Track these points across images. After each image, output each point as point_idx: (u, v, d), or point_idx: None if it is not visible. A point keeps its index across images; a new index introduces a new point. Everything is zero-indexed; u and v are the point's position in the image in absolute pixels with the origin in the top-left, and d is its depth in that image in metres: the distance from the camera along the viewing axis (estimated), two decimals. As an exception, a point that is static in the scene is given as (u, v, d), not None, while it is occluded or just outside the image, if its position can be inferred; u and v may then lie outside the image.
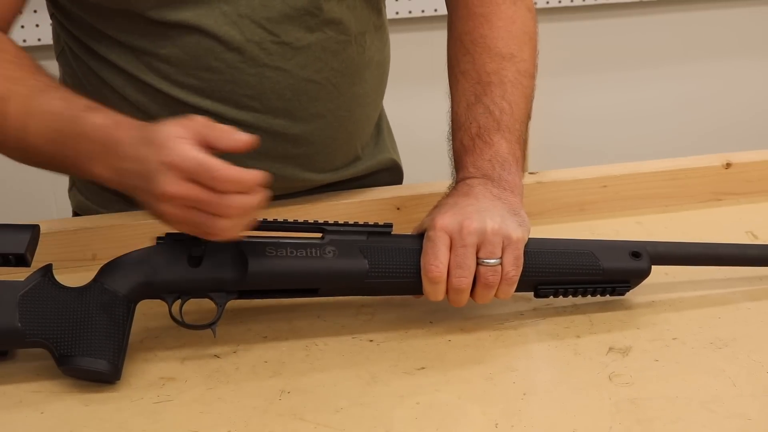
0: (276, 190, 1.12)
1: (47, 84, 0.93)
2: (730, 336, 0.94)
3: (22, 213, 0.97)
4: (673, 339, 0.94)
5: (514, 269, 0.91)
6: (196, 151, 0.81)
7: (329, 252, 0.90)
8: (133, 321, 0.88)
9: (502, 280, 0.91)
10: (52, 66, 1.03)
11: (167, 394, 0.86)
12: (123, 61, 1.04)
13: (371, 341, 0.94)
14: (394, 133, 1.32)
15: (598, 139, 2.45)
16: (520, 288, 0.93)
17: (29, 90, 0.91)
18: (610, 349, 0.92)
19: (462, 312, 0.96)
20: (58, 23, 1.10)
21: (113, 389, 0.87)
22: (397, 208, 1.13)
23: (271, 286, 0.90)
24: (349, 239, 0.92)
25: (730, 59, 2.49)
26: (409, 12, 2.21)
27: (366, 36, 1.11)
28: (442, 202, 0.96)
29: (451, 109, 1.05)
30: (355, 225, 0.93)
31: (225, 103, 1.04)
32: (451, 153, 1.04)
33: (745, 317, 0.97)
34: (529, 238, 0.94)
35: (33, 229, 0.88)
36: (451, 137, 1.04)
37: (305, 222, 0.93)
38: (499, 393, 0.86)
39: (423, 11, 2.21)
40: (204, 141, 0.82)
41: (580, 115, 2.45)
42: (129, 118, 0.88)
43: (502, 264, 0.90)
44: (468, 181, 0.98)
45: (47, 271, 0.88)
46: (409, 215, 1.12)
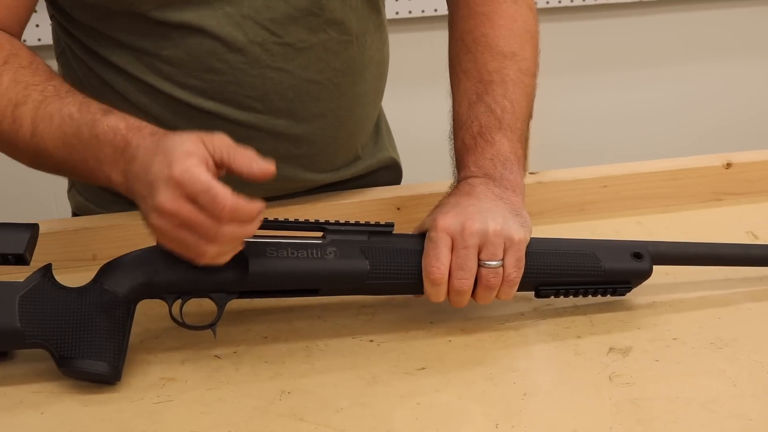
0: (277, 190, 1.13)
1: (61, 89, 0.92)
2: (731, 336, 0.94)
3: (22, 213, 0.97)
4: (674, 339, 0.94)
5: (516, 271, 0.91)
6: (205, 173, 0.79)
7: (330, 252, 0.90)
8: (134, 321, 0.88)
9: (503, 281, 0.91)
10: (52, 66, 1.02)
11: (167, 395, 0.86)
12: (124, 62, 1.04)
13: (372, 341, 0.94)
14: (393, 132, 1.32)
15: (598, 139, 2.45)
16: (521, 288, 0.93)
17: (43, 95, 0.91)
18: (611, 349, 0.92)
19: (462, 312, 0.95)
20: (57, 24, 1.10)
21: (113, 390, 0.86)
22: (398, 208, 1.13)
23: (271, 287, 0.90)
24: (350, 239, 0.91)
25: (730, 59, 2.49)
26: (409, 12, 2.21)
27: (366, 36, 1.11)
28: (444, 201, 0.96)
29: (453, 108, 1.05)
30: (356, 224, 0.93)
31: (227, 104, 1.04)
32: (453, 152, 1.04)
33: (746, 317, 0.97)
34: (530, 238, 0.94)
35: (32, 229, 0.88)
36: (452, 136, 1.04)
37: (306, 221, 0.93)
38: (499, 393, 0.86)
39: (423, 11, 2.21)
40: (220, 161, 0.82)
41: (581, 115, 2.45)
42: (147, 123, 0.87)
43: (503, 266, 0.90)
44: (470, 180, 0.98)
45: (47, 271, 0.88)
46: (410, 215, 1.11)
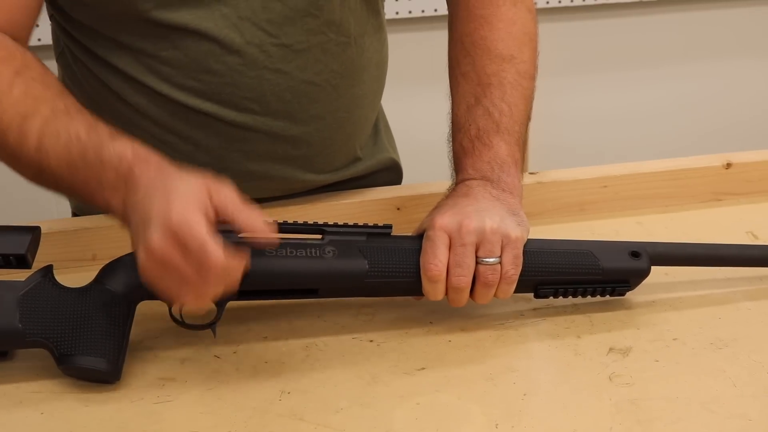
0: (276, 191, 1.13)
1: (71, 107, 0.91)
2: (731, 336, 0.94)
3: (22, 213, 0.97)
4: (674, 339, 0.94)
5: (514, 268, 0.91)
6: (202, 227, 0.78)
7: (329, 252, 0.90)
8: (134, 321, 0.88)
9: (501, 279, 0.91)
10: (51, 66, 1.02)
11: (167, 395, 0.86)
12: (123, 63, 1.04)
13: (371, 341, 0.94)
14: (393, 133, 1.32)
15: (598, 139, 2.45)
16: (520, 289, 0.93)
17: (53, 111, 0.89)
18: (611, 349, 0.92)
19: (462, 312, 0.95)
20: (57, 25, 1.10)
21: (113, 389, 0.87)
22: (397, 209, 1.13)
23: (270, 286, 0.90)
24: (348, 239, 0.92)
25: (730, 59, 2.49)
26: (409, 12, 2.21)
27: (365, 37, 1.11)
28: (442, 203, 0.96)
29: (451, 111, 1.06)
30: (355, 226, 0.93)
31: (225, 106, 1.04)
32: (451, 155, 1.04)
33: (746, 317, 0.97)
34: (528, 239, 0.94)
35: (34, 231, 0.88)
36: (450, 139, 1.04)
37: (305, 223, 0.93)
38: (499, 393, 0.86)
39: (423, 11, 2.21)
40: (223, 215, 0.81)
41: (580, 115, 2.45)
42: (154, 154, 0.86)
43: (501, 263, 0.90)
44: (467, 182, 0.98)
45: (48, 271, 0.88)
46: (409, 215, 1.11)
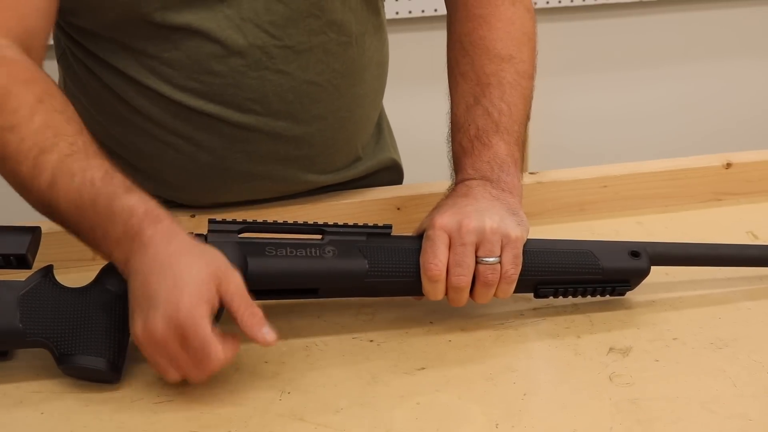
0: (277, 191, 1.13)
1: (90, 147, 0.88)
2: (731, 336, 0.94)
3: (23, 213, 0.96)
4: (674, 339, 0.94)
5: (513, 267, 0.91)
6: (207, 328, 0.79)
7: (329, 252, 0.90)
8: (134, 321, 0.89)
9: (501, 278, 0.91)
10: (52, 67, 1.02)
11: (167, 395, 0.86)
12: (125, 64, 1.04)
13: (371, 341, 0.94)
14: (394, 133, 1.32)
15: (598, 139, 2.45)
16: (520, 289, 0.93)
17: (71, 149, 0.87)
18: (611, 349, 0.92)
19: (462, 312, 0.95)
20: (58, 27, 1.10)
21: (113, 389, 0.87)
22: (398, 208, 1.13)
23: (270, 286, 0.90)
24: (348, 239, 0.92)
25: (730, 59, 2.48)
26: (409, 12, 2.20)
27: (366, 37, 1.11)
28: (441, 203, 0.96)
29: (451, 111, 1.06)
30: (355, 226, 0.93)
31: (227, 107, 1.04)
32: (451, 155, 1.04)
33: (746, 317, 0.97)
34: (528, 239, 0.94)
35: (34, 231, 0.88)
36: (450, 139, 1.04)
37: (305, 224, 0.93)
38: (499, 393, 0.86)
39: (423, 11, 2.21)
40: (228, 309, 0.82)
41: (580, 115, 2.44)
42: (167, 214, 0.85)
43: (501, 262, 0.90)
44: (467, 182, 0.98)
45: (48, 271, 0.88)
46: (410, 215, 1.12)
